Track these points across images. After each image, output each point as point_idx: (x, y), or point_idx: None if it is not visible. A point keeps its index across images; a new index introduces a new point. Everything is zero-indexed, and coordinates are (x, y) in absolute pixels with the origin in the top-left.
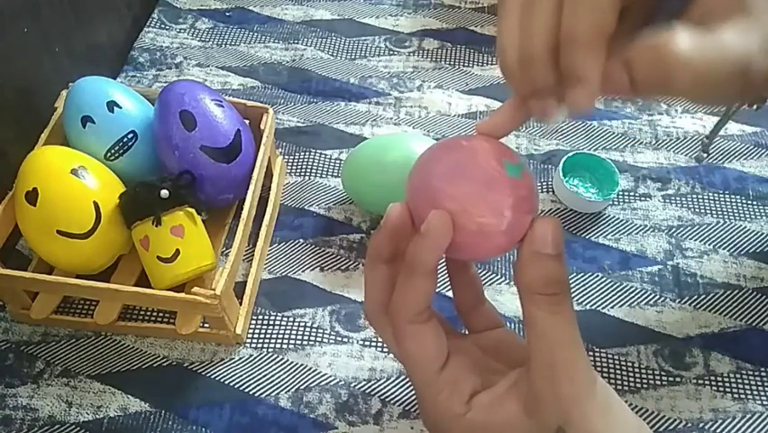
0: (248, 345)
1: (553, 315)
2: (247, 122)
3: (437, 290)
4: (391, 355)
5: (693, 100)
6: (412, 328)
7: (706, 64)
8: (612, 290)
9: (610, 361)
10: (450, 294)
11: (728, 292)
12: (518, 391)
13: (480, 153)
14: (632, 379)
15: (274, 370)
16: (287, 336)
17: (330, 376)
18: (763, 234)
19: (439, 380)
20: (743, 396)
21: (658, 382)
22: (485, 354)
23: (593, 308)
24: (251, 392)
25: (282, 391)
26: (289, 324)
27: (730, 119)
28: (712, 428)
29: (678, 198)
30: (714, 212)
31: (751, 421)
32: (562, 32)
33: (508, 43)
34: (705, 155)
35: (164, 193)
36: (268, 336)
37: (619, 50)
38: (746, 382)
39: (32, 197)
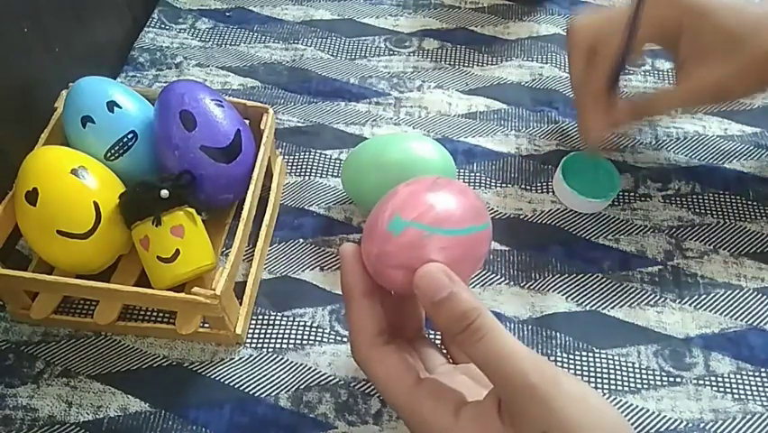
0: (248, 345)
1: (477, 342)
2: (247, 122)
3: None
4: None
5: None
6: (375, 353)
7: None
8: (612, 291)
9: (610, 361)
10: None
11: (728, 292)
12: (499, 405)
13: (386, 202)
14: (632, 379)
15: (274, 370)
16: (287, 336)
17: (330, 376)
18: (763, 234)
19: (417, 394)
20: (743, 396)
21: (658, 383)
22: (472, 380)
23: (593, 308)
24: (250, 392)
25: (282, 390)
26: (289, 324)
27: None
28: (713, 429)
29: (678, 199)
30: (714, 212)
31: (751, 422)
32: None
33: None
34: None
35: (164, 193)
36: (268, 336)
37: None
38: (747, 382)
39: (31, 197)
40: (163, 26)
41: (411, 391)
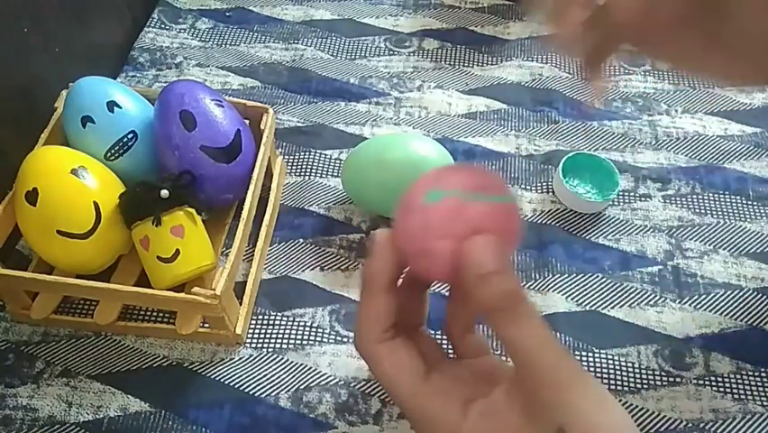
0: (248, 345)
1: (516, 326)
2: (247, 122)
3: (436, 291)
4: None
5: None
6: (382, 347)
7: None
8: (612, 291)
9: (610, 361)
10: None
11: (728, 292)
12: (514, 399)
13: (418, 182)
14: (632, 379)
15: (274, 370)
16: (287, 336)
17: (330, 376)
18: (763, 234)
19: (425, 390)
20: (743, 396)
21: (658, 383)
22: (474, 377)
23: (593, 308)
24: (250, 392)
25: (282, 390)
26: (289, 324)
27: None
28: (712, 429)
29: (678, 199)
30: (714, 212)
31: (751, 422)
32: None
33: None
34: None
35: (164, 193)
36: (268, 335)
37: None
38: (746, 382)
39: (32, 197)
40: (163, 26)
41: (419, 388)
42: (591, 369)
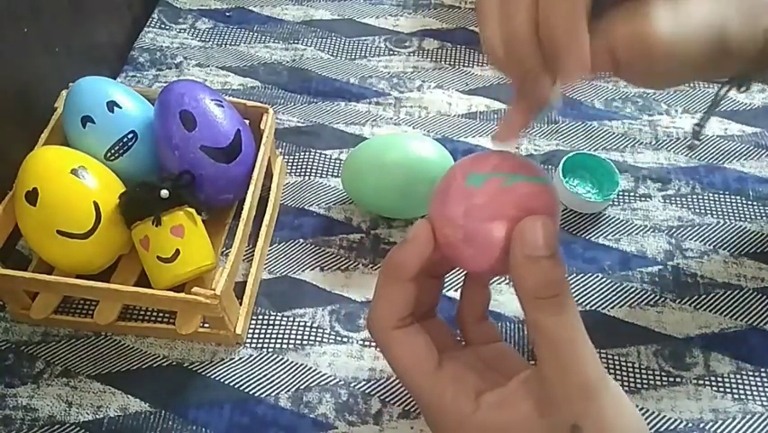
0: (248, 345)
1: (555, 316)
2: (247, 122)
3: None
4: None
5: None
6: (398, 333)
7: (685, 42)
8: (612, 291)
9: (610, 361)
10: (450, 295)
11: (728, 292)
12: (529, 391)
13: (452, 168)
14: (632, 379)
15: (274, 370)
16: (287, 336)
17: (330, 376)
18: (763, 234)
19: (440, 378)
20: (743, 396)
21: (658, 383)
22: (485, 365)
23: (593, 308)
24: (251, 392)
25: (282, 391)
26: (289, 324)
27: (719, 104)
28: (712, 429)
29: (678, 199)
30: (714, 212)
31: (751, 422)
32: (541, 15)
33: (491, 31)
34: (697, 142)
35: (164, 193)
36: (268, 336)
37: (600, 30)
38: (746, 382)
39: (31, 197)
40: (163, 26)
41: (433, 376)
42: None
